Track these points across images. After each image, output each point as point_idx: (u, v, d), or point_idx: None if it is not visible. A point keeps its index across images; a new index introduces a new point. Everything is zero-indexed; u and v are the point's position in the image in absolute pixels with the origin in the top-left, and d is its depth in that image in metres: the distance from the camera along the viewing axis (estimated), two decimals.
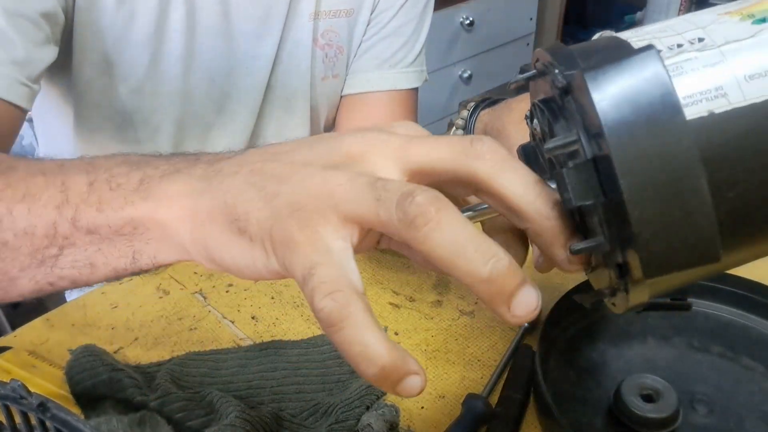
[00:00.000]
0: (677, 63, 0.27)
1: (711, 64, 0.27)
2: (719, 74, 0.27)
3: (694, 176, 0.26)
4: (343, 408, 0.55)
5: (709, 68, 0.27)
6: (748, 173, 0.27)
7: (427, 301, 0.70)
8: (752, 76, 0.27)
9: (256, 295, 0.72)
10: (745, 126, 0.27)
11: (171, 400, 0.55)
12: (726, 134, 0.27)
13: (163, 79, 0.72)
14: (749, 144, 0.27)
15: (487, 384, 0.59)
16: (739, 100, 0.27)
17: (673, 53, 0.28)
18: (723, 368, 0.61)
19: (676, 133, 0.25)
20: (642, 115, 0.25)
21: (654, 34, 0.29)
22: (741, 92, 0.27)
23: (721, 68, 0.27)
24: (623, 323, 0.66)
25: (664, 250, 0.27)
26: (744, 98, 0.27)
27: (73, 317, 0.69)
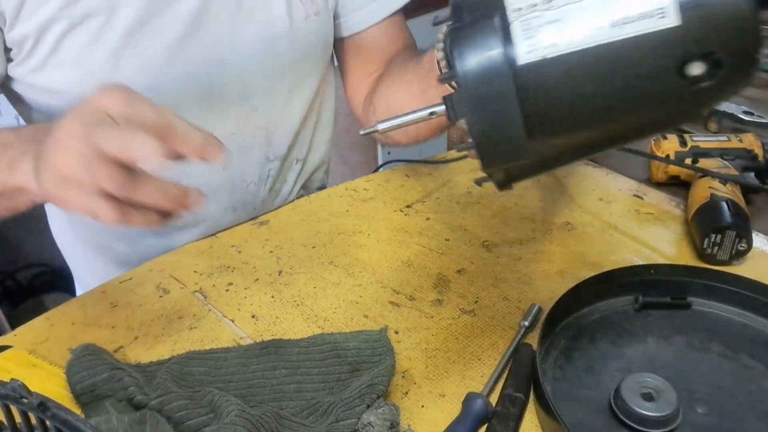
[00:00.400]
0: (528, 21, 0.38)
1: (553, 18, 0.37)
2: (554, 28, 0.37)
3: (508, 94, 0.38)
4: (344, 407, 0.55)
5: (548, 21, 0.38)
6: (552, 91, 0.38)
7: (427, 300, 0.70)
8: (575, 30, 0.37)
9: (257, 294, 0.72)
10: (567, 61, 0.37)
11: (171, 399, 0.55)
12: (554, 64, 0.37)
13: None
14: (559, 75, 0.38)
15: (488, 383, 0.59)
16: (567, 45, 0.37)
17: (526, 10, 0.38)
18: (723, 367, 0.61)
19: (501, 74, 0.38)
20: (481, 65, 0.38)
21: None
22: (569, 39, 0.37)
23: (557, 21, 0.37)
24: (624, 322, 0.66)
25: (487, 144, 0.40)
26: (571, 44, 0.37)
27: (74, 316, 0.69)
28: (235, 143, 0.79)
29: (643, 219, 0.82)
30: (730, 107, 0.99)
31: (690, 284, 0.68)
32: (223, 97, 0.76)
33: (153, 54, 0.70)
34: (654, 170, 0.87)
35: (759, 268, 0.73)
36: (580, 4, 0.37)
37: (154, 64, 0.71)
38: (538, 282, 0.72)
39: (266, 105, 0.80)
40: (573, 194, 0.87)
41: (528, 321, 0.65)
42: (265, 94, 0.79)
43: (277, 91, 0.80)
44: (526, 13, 0.38)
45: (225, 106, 0.77)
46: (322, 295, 0.71)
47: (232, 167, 0.82)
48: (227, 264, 0.76)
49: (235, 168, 0.82)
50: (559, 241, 0.78)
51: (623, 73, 0.38)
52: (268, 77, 0.78)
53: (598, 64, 0.37)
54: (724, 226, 0.71)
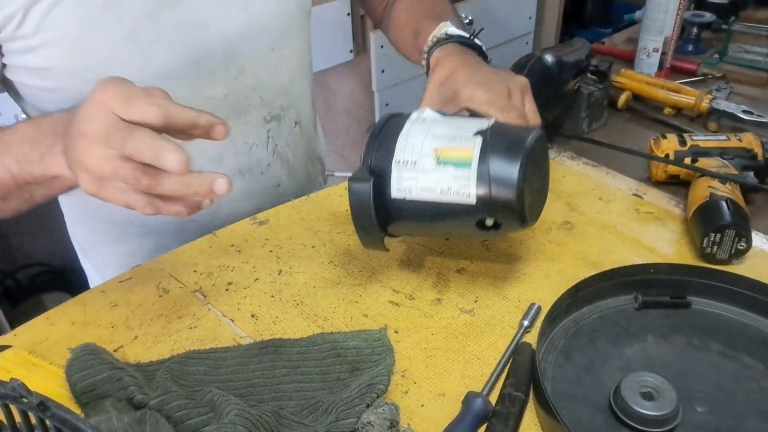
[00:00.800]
0: (400, 172, 0.61)
1: (412, 177, 0.60)
2: (412, 181, 0.61)
3: (369, 212, 0.61)
4: (344, 406, 0.55)
5: (410, 178, 0.61)
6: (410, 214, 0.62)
7: (426, 300, 0.70)
8: (423, 189, 0.60)
9: (256, 293, 0.72)
10: (416, 204, 0.61)
11: (171, 398, 0.55)
12: (406, 203, 0.61)
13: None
14: (411, 208, 0.61)
15: (487, 382, 0.59)
16: (417, 194, 0.61)
17: (402, 165, 0.61)
18: (722, 366, 0.61)
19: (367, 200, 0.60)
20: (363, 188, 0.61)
21: (402, 149, 0.61)
22: (419, 192, 0.60)
23: (414, 179, 0.60)
24: (623, 321, 0.66)
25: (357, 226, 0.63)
26: (419, 194, 0.61)
27: (73, 316, 0.69)
28: (228, 105, 0.81)
29: (643, 218, 0.82)
30: (730, 106, 0.99)
31: (689, 283, 0.68)
32: (210, 59, 0.78)
33: (134, 22, 0.71)
34: (653, 169, 0.88)
35: (758, 267, 0.73)
36: (428, 174, 0.60)
37: (138, 31, 0.71)
38: (538, 281, 0.72)
39: (252, 65, 0.82)
40: (572, 193, 0.87)
41: (528, 320, 0.65)
42: (250, 54, 0.81)
43: (260, 50, 0.82)
44: (400, 167, 0.61)
45: (213, 69, 0.79)
46: (321, 295, 0.71)
47: (232, 130, 0.82)
48: (227, 263, 0.76)
49: (234, 130, 0.83)
50: (558, 241, 0.78)
51: (444, 218, 0.62)
52: (249, 37, 0.80)
53: (431, 209, 0.61)
54: (724, 225, 0.71)
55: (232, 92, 0.81)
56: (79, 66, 0.71)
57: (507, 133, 0.60)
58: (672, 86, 1.05)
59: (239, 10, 0.78)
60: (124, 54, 0.71)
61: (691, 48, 1.27)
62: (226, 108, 0.81)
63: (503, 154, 0.58)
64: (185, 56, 0.76)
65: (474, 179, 0.58)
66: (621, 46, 1.33)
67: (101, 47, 0.70)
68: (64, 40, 0.69)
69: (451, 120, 0.62)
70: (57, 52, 0.70)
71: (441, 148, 0.59)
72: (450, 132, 0.60)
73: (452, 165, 0.59)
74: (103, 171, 0.54)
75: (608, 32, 2.52)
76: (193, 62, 0.77)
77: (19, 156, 0.62)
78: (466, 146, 0.59)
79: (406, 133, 0.62)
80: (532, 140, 0.60)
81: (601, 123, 1.03)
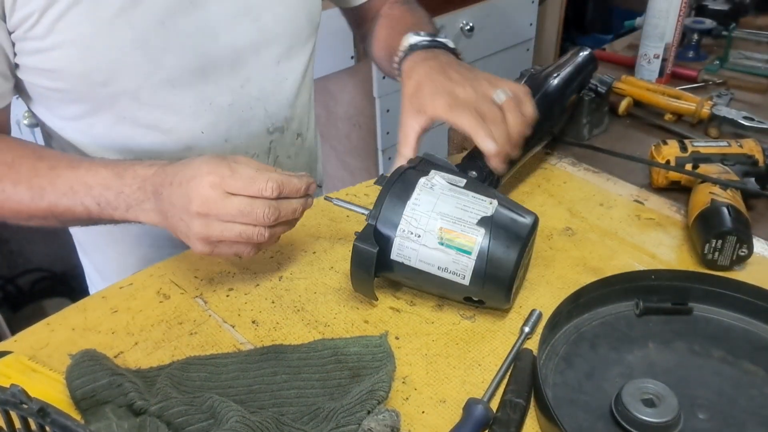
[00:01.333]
0: (403, 241, 0.64)
1: (414, 248, 0.64)
2: (413, 252, 0.65)
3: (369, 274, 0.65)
4: (344, 413, 0.55)
5: (411, 248, 0.65)
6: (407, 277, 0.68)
7: (427, 306, 0.70)
8: (422, 261, 0.65)
9: (257, 299, 0.72)
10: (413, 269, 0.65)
11: (171, 404, 0.55)
12: (404, 266, 0.66)
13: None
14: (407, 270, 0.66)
15: (488, 388, 0.59)
16: (415, 263, 0.65)
17: (406, 234, 0.64)
18: (724, 373, 0.61)
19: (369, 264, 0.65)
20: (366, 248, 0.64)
21: (408, 219, 0.64)
22: (417, 262, 0.65)
23: (415, 251, 0.64)
24: (625, 328, 0.66)
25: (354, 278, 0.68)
26: (417, 264, 0.65)
27: (73, 321, 0.69)
28: (233, 114, 0.82)
29: (644, 224, 0.82)
30: (731, 112, 0.99)
31: (691, 290, 0.68)
32: (217, 68, 0.79)
33: (146, 29, 0.72)
34: (655, 176, 0.88)
35: (760, 273, 0.73)
36: (430, 251, 0.64)
37: (149, 37, 0.72)
38: (539, 287, 0.72)
39: (258, 76, 0.82)
40: (574, 199, 0.87)
41: (529, 326, 0.65)
42: (256, 65, 0.82)
43: (267, 62, 0.82)
44: (404, 236, 0.64)
45: (219, 78, 0.79)
46: (322, 301, 0.71)
47: (235, 139, 0.84)
48: (227, 269, 0.76)
49: (237, 140, 0.85)
50: (559, 247, 0.78)
51: (435, 285, 0.67)
52: (256, 48, 0.81)
53: (425, 276, 0.66)
54: (725, 231, 0.71)
55: (236, 102, 0.82)
56: (87, 69, 0.71)
57: (507, 227, 0.64)
58: (673, 92, 1.05)
59: (249, 21, 0.78)
60: (133, 59, 0.72)
61: (691, 54, 1.28)
62: (230, 117, 0.82)
63: (501, 252, 0.63)
64: (193, 64, 0.76)
65: (471, 268, 0.63)
66: (622, 53, 1.33)
67: (111, 51, 0.71)
68: (75, 43, 0.69)
69: (457, 196, 0.65)
70: (67, 55, 0.70)
71: (445, 229, 0.64)
72: (455, 212, 0.64)
73: (454, 249, 0.63)
74: (226, 237, 0.63)
75: (609, 39, 2.53)
76: (200, 70, 0.77)
77: (101, 200, 0.68)
78: (468, 234, 0.63)
79: (414, 201, 0.65)
80: (528, 233, 0.65)
81: (602, 129, 1.03)
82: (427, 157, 0.71)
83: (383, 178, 0.68)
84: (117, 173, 0.68)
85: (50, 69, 0.71)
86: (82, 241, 0.98)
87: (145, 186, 0.66)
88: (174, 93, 0.77)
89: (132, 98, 0.75)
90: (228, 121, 0.81)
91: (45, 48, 0.69)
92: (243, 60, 0.80)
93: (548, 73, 0.90)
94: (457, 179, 0.67)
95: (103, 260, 0.96)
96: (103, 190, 0.68)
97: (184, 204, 0.63)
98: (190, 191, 0.62)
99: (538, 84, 0.88)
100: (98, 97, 0.75)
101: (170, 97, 0.77)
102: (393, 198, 0.65)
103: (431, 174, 0.67)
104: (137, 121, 0.77)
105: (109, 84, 0.73)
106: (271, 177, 0.63)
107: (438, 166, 0.69)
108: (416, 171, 0.68)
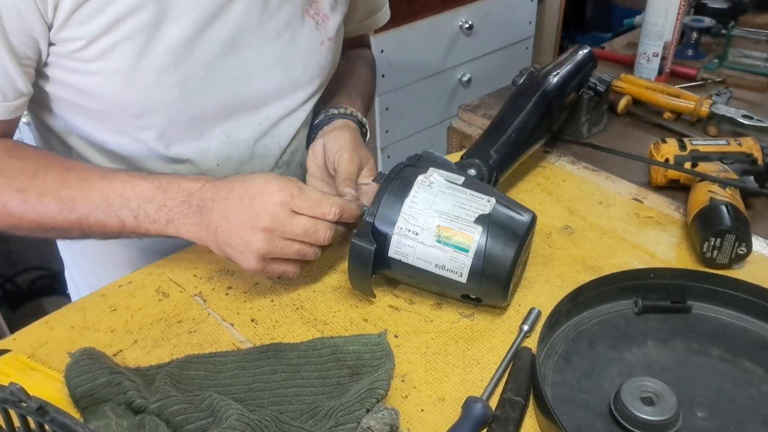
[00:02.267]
0: (400, 239, 0.65)
1: (411, 246, 0.65)
2: (411, 249, 0.65)
3: (366, 271, 0.65)
4: (344, 411, 0.55)
5: (409, 246, 0.65)
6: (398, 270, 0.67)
7: (426, 304, 0.70)
8: (419, 258, 0.65)
9: (256, 298, 0.72)
10: (410, 267, 0.66)
11: (170, 403, 0.55)
12: (402, 264, 0.66)
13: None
14: (404, 268, 0.66)
15: (487, 386, 0.59)
16: (413, 261, 0.65)
17: (404, 232, 0.64)
18: (722, 371, 0.61)
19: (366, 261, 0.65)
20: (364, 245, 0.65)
21: (406, 217, 0.64)
22: (415, 259, 0.65)
23: (413, 249, 0.65)
24: (624, 326, 0.66)
25: (352, 274, 0.68)
26: (415, 261, 0.65)
27: (73, 320, 0.69)
28: (249, 149, 0.83)
29: (643, 223, 0.82)
30: (729, 111, 0.99)
31: (690, 288, 0.68)
32: (243, 109, 0.80)
33: (192, 71, 0.73)
34: (653, 174, 0.88)
35: (759, 271, 0.73)
36: (427, 249, 0.64)
37: (190, 78, 0.73)
38: (538, 286, 0.72)
39: (277, 116, 0.84)
40: (573, 198, 0.87)
41: (528, 325, 0.65)
42: (278, 106, 0.83)
43: (289, 104, 0.84)
44: (402, 233, 0.65)
45: (243, 117, 0.81)
46: (321, 299, 0.71)
47: (247, 172, 0.84)
48: (226, 268, 0.76)
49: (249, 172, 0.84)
50: (558, 245, 0.78)
51: (433, 283, 0.67)
52: (283, 94, 0.83)
53: (422, 274, 0.66)
54: (724, 229, 0.71)
55: (254, 138, 0.83)
56: (126, 101, 0.72)
57: (504, 225, 0.64)
58: (672, 91, 1.05)
59: (281, 70, 0.80)
60: (171, 96, 0.73)
61: (690, 53, 1.28)
62: (247, 151, 0.83)
63: (499, 250, 0.63)
64: (222, 104, 0.78)
65: (469, 265, 0.64)
66: (621, 51, 1.33)
67: (153, 86, 0.71)
68: (120, 74, 0.70)
69: (455, 194, 0.65)
70: (109, 83, 0.70)
71: (443, 227, 0.64)
72: (453, 210, 0.64)
73: (451, 247, 0.64)
74: (285, 253, 0.65)
75: (608, 37, 2.52)
76: (226, 110, 0.79)
77: (139, 213, 0.67)
78: (466, 232, 0.63)
79: (412, 198, 0.65)
80: (526, 231, 0.65)
81: (601, 128, 1.03)
82: (426, 155, 0.71)
83: (381, 176, 0.68)
84: (160, 186, 0.67)
85: (86, 90, 0.71)
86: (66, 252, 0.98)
87: (191, 200, 0.66)
88: (198, 127, 0.78)
89: (158, 131, 0.76)
90: (243, 155, 0.83)
91: (88, 71, 0.69)
92: (268, 104, 0.82)
93: (547, 71, 0.90)
94: (455, 177, 0.67)
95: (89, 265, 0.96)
96: (143, 203, 0.67)
97: (250, 220, 0.64)
98: (256, 207, 0.64)
99: (537, 82, 0.88)
100: (124, 123, 0.75)
101: (195, 132, 0.78)
102: (391, 195, 0.65)
103: (429, 171, 0.67)
104: (154, 149, 0.78)
105: (142, 117, 0.74)
106: (335, 201, 0.66)
107: (436, 163, 0.69)
108: (414, 168, 0.68)
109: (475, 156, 0.76)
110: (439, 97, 2.02)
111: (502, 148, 0.79)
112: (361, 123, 0.88)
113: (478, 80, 2.07)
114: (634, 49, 1.23)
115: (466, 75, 2.04)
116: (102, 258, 0.91)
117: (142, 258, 0.85)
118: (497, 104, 0.90)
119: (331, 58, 0.86)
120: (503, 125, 0.82)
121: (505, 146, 0.79)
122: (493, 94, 1.15)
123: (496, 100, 1.11)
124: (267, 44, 0.78)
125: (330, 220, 0.66)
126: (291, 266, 0.67)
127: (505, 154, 0.79)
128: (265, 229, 0.63)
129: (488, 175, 0.75)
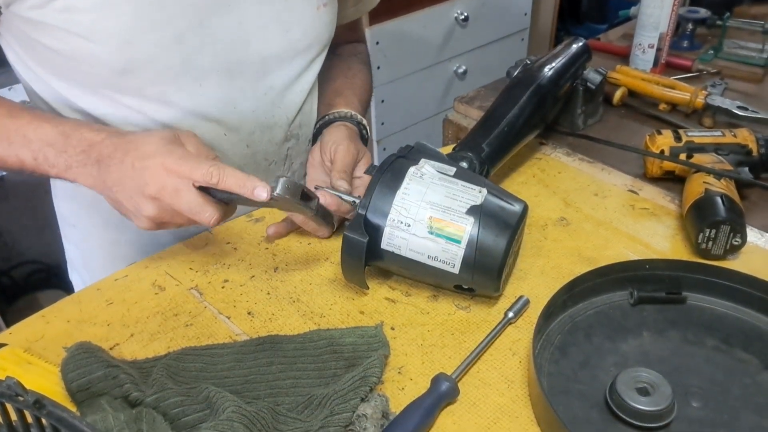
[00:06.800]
0: (393, 231, 0.65)
1: (404, 237, 0.65)
2: (403, 241, 0.65)
3: (359, 263, 0.66)
4: (338, 400, 0.55)
5: (401, 237, 0.65)
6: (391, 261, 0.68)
7: (423, 296, 0.70)
8: (412, 250, 0.65)
9: (252, 290, 0.72)
10: (403, 258, 0.66)
11: (167, 395, 0.55)
12: (394, 255, 0.66)
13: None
14: (397, 259, 0.67)
15: (459, 366, 0.61)
16: (405, 253, 0.65)
17: (396, 223, 0.65)
18: (717, 361, 0.62)
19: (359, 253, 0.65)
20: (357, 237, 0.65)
21: (398, 209, 0.65)
22: (408, 251, 0.65)
23: (405, 240, 0.65)
24: (619, 317, 0.66)
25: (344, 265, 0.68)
26: (407, 253, 0.65)
27: (69, 314, 0.69)
28: (256, 120, 0.83)
29: (638, 214, 0.82)
30: (725, 102, 0.99)
31: (685, 279, 0.68)
32: (244, 74, 0.80)
33: (185, 26, 0.72)
34: (649, 165, 0.88)
35: (753, 262, 0.73)
36: (419, 240, 0.64)
37: (186, 35, 0.73)
38: (534, 277, 0.72)
39: (281, 85, 0.84)
40: (568, 189, 0.87)
41: (513, 312, 0.66)
42: (280, 74, 0.83)
43: (290, 72, 0.84)
44: (394, 225, 0.65)
45: (245, 84, 0.81)
46: (318, 292, 0.71)
47: (256, 145, 0.85)
48: (223, 261, 0.76)
49: (258, 146, 0.86)
50: (554, 237, 0.78)
51: (425, 274, 0.67)
52: (283, 60, 0.82)
53: (415, 265, 0.66)
54: (719, 220, 0.71)
55: (259, 108, 0.83)
56: (127, 66, 0.71)
57: (496, 215, 0.64)
58: (667, 82, 1.05)
59: (279, 32, 0.80)
60: (169, 54, 0.72)
61: (686, 44, 1.28)
62: (252, 123, 0.83)
63: (491, 240, 0.64)
64: (222, 67, 0.77)
65: (461, 256, 0.64)
66: (616, 43, 1.33)
67: (150, 45, 0.71)
68: (115, 35, 0.69)
69: (447, 185, 0.66)
70: (106, 49, 0.70)
71: (435, 218, 0.64)
72: (445, 201, 0.65)
73: (443, 238, 0.64)
74: (175, 221, 0.66)
75: (603, 28, 2.52)
76: (228, 74, 0.78)
77: (38, 155, 0.68)
78: (458, 223, 0.64)
79: (404, 190, 0.65)
80: (517, 221, 0.65)
81: (597, 119, 1.03)
82: (419, 146, 0.70)
83: (373, 168, 0.68)
84: (63, 132, 0.67)
85: (76, 32, 0.69)
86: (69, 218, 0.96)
87: (91, 152, 0.66)
88: (201, 94, 0.78)
89: (157, 92, 0.75)
90: (250, 127, 0.83)
91: (81, 7, 0.67)
92: (269, 69, 0.82)
93: (541, 64, 0.90)
94: (446, 168, 0.67)
95: (89, 246, 0.95)
96: (44, 146, 0.67)
97: (139, 186, 0.64)
98: (146, 175, 0.64)
99: (531, 75, 0.88)
100: (117, 81, 0.73)
101: (196, 97, 0.77)
102: (383, 187, 0.65)
103: (421, 163, 0.67)
104: (155, 120, 0.77)
105: (139, 74, 0.72)
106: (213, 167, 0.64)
107: (428, 154, 0.69)
108: (406, 160, 0.68)
109: (467, 149, 0.76)
110: (435, 89, 2.01)
111: (494, 142, 0.79)
112: (360, 124, 0.88)
113: (474, 72, 2.07)
114: (629, 40, 1.23)
115: (462, 67, 2.04)
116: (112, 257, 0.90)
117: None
118: (493, 96, 0.90)
119: (329, 25, 0.86)
120: (496, 118, 0.82)
121: (498, 139, 0.79)
122: (488, 86, 1.15)
123: (491, 92, 1.11)
124: (263, 5, 0.77)
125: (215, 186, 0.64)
126: (188, 224, 0.67)
127: (497, 147, 0.79)
128: (152, 197, 0.64)
129: (479, 168, 0.75)
